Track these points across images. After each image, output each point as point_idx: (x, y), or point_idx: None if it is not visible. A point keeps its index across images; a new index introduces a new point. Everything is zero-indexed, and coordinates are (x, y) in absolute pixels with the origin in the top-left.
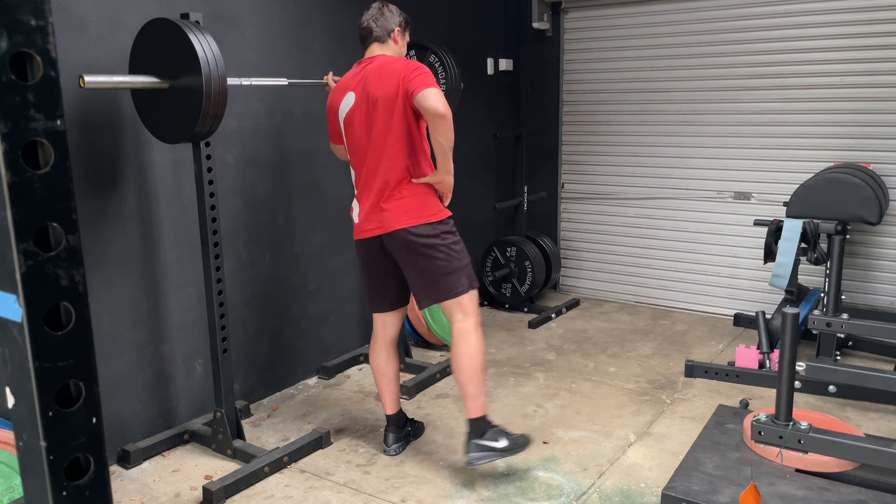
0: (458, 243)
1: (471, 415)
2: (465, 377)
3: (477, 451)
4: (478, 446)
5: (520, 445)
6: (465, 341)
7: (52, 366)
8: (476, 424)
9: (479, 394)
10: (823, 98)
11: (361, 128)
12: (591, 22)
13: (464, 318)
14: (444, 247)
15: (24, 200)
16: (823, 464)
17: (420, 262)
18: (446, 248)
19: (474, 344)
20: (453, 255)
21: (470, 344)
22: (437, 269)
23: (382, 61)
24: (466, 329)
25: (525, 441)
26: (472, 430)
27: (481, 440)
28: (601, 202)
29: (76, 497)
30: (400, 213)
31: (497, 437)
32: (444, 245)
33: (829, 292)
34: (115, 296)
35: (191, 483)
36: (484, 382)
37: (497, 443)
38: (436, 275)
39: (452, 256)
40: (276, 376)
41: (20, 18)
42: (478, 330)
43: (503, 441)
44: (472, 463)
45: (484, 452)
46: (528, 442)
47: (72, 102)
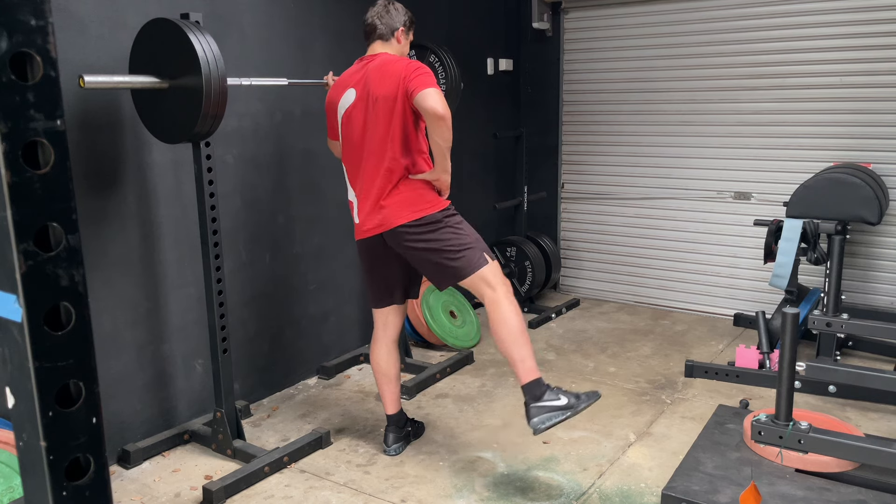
0: (463, 222)
1: (523, 380)
2: (506, 345)
3: (538, 413)
4: (539, 409)
5: (584, 401)
6: (496, 311)
7: (52, 366)
8: (530, 389)
9: (525, 357)
10: (823, 98)
11: (360, 125)
12: (591, 22)
13: (491, 290)
14: (449, 229)
15: (24, 200)
16: (823, 464)
17: (429, 250)
18: (452, 229)
19: (508, 311)
20: (461, 234)
21: (503, 312)
22: (449, 251)
23: (384, 60)
24: (496, 300)
25: (593, 395)
26: (528, 395)
27: (540, 402)
28: (601, 202)
29: (76, 497)
30: (399, 209)
31: (558, 395)
32: (450, 227)
33: (829, 292)
34: (115, 296)
35: (191, 483)
36: (528, 345)
37: (558, 401)
38: (449, 256)
39: (461, 234)
40: (276, 376)
41: (20, 18)
42: (508, 297)
43: (564, 398)
44: (538, 427)
45: (547, 413)
46: (596, 396)
47: (72, 102)
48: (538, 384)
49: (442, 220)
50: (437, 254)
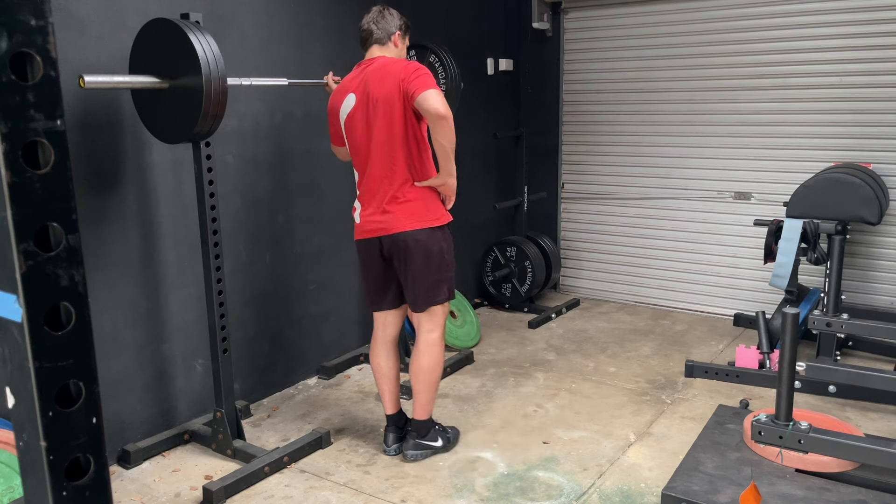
0: (450, 253)
1: (418, 417)
2: (422, 385)
3: (416, 448)
4: (418, 444)
5: (452, 443)
6: (428, 352)
7: (52, 366)
8: (420, 426)
9: (430, 400)
10: (823, 98)
11: (362, 129)
12: (591, 22)
13: (432, 328)
14: (437, 255)
15: (24, 200)
16: (823, 464)
17: (414, 266)
18: (440, 256)
19: (437, 356)
20: (444, 266)
21: (434, 356)
22: (426, 277)
23: (382, 63)
24: (433, 340)
25: (455, 436)
26: (415, 429)
27: (422, 439)
28: (601, 202)
29: (76, 497)
30: (403, 216)
31: (436, 437)
32: (439, 254)
33: (829, 292)
34: (115, 296)
35: (191, 483)
36: (435, 390)
37: (436, 442)
38: (423, 282)
39: (443, 267)
40: (276, 376)
41: (20, 18)
42: (442, 341)
43: (440, 440)
44: (409, 458)
45: (423, 451)
46: (457, 436)
47: (72, 102)
48: (428, 424)
49: (439, 241)
50: (419, 273)
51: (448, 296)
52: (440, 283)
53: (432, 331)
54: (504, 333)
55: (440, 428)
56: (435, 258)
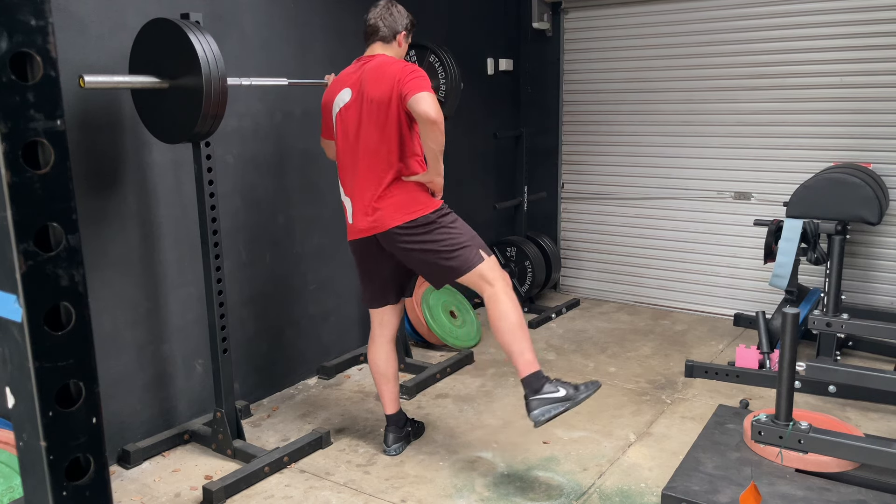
0: (457, 220)
1: (522, 373)
2: (505, 339)
3: (539, 405)
4: (538, 401)
5: (584, 391)
6: (495, 306)
7: (52, 366)
8: (530, 382)
9: (523, 350)
10: (823, 98)
11: (354, 125)
12: (591, 22)
13: (489, 285)
14: (443, 229)
15: (24, 200)
16: (823, 464)
17: (424, 251)
18: (446, 228)
19: (506, 305)
20: (455, 233)
21: (501, 307)
22: (444, 251)
23: (381, 61)
24: (494, 295)
25: (593, 385)
26: (528, 388)
27: (539, 395)
28: (601, 202)
29: (76, 497)
30: (392, 211)
31: (557, 388)
32: (444, 227)
33: (829, 292)
34: (115, 296)
35: (191, 483)
36: (527, 339)
37: (557, 392)
38: (445, 256)
39: (455, 234)
40: (276, 376)
41: (20, 18)
42: (507, 291)
43: (562, 389)
44: (538, 419)
45: (546, 406)
46: (596, 385)
47: (72, 102)
48: (537, 377)
49: (435, 220)
50: (433, 254)
51: (483, 254)
52: (464, 249)
53: (489, 288)
54: None
55: (557, 379)
56: (439, 234)
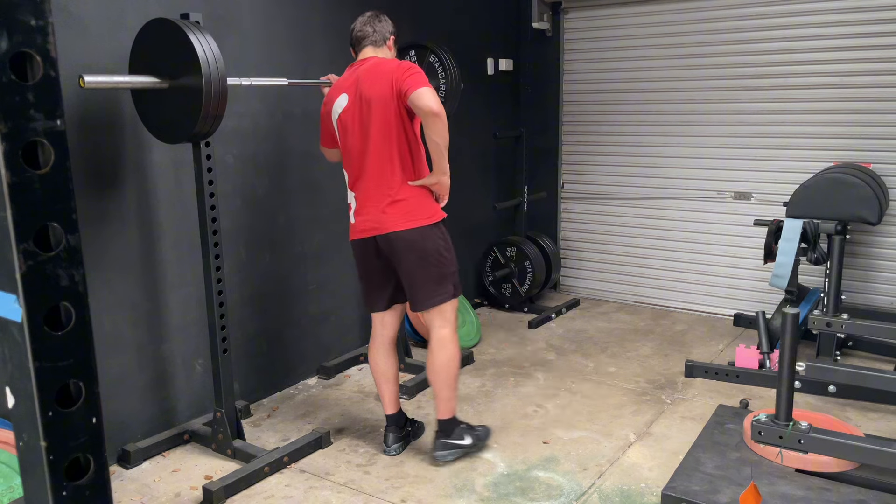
0: (449, 250)
1: (442, 416)
2: (441, 383)
3: (444, 448)
4: (445, 444)
5: (482, 440)
6: (442, 349)
7: (52, 366)
8: (445, 424)
9: (451, 397)
10: (823, 98)
11: (355, 129)
12: (591, 22)
13: (442, 325)
14: (434, 253)
15: (24, 200)
16: (823, 464)
17: (413, 264)
18: (438, 254)
19: (451, 351)
20: (443, 262)
21: (447, 352)
22: (426, 275)
23: (376, 62)
24: (445, 337)
25: (486, 433)
26: (441, 429)
27: (449, 439)
28: (601, 202)
29: (76, 497)
30: (397, 215)
31: (463, 435)
32: (435, 251)
33: (829, 292)
34: (115, 296)
35: (191, 483)
36: (456, 387)
37: (463, 440)
38: (425, 280)
39: (443, 263)
40: (276, 376)
41: (20, 18)
42: (455, 337)
43: (468, 438)
44: (439, 460)
45: (450, 450)
46: (488, 433)
47: (72, 102)
48: (453, 422)
49: (434, 240)
50: (418, 271)
51: (454, 292)
52: (442, 280)
53: (442, 327)
54: (504, 333)
55: (466, 426)
56: (431, 255)
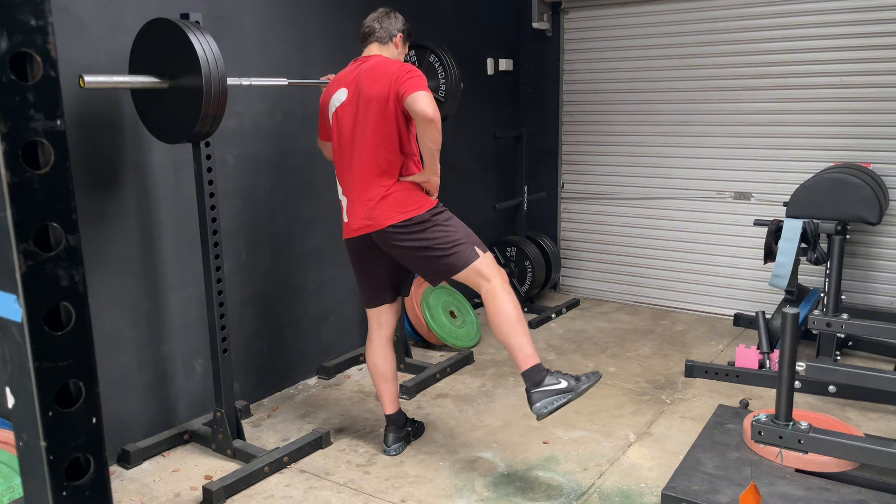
0: (451, 218)
1: (522, 367)
2: (504, 334)
3: (540, 398)
4: (540, 394)
5: (585, 382)
6: (492, 301)
7: (52, 366)
8: (530, 375)
9: (522, 344)
10: (823, 98)
11: (350, 124)
12: (591, 22)
13: (486, 281)
14: (438, 227)
15: (24, 200)
16: (823, 464)
17: (419, 248)
18: (441, 227)
19: (503, 301)
20: (451, 230)
21: (498, 302)
22: (439, 248)
23: (378, 61)
24: (491, 290)
25: (594, 376)
26: (528, 381)
27: (541, 387)
28: (601, 202)
29: (76, 497)
30: (388, 209)
31: (558, 379)
32: (438, 225)
33: (829, 292)
34: (115, 296)
35: (191, 483)
36: (526, 333)
37: (558, 384)
38: (441, 253)
39: (450, 231)
40: (276, 376)
41: (20, 18)
42: (504, 286)
43: (564, 381)
44: (541, 412)
45: (549, 398)
46: (597, 376)
47: (72, 102)
48: (537, 370)
49: (430, 219)
50: (428, 251)
51: (479, 251)
52: (459, 246)
53: (486, 284)
54: None
55: (558, 372)
56: (434, 232)
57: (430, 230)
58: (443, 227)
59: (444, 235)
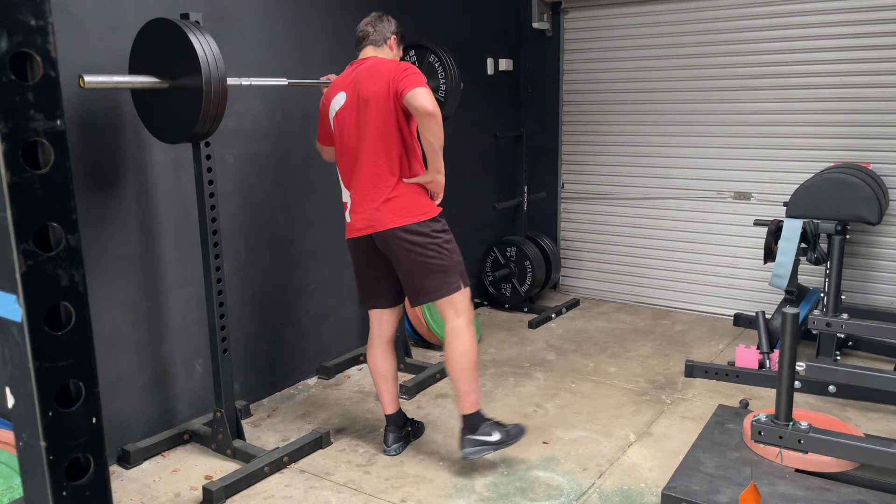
0: (450, 241)
1: (464, 411)
2: (457, 375)
3: (471, 445)
4: (472, 441)
5: (513, 437)
6: (457, 340)
7: (52, 366)
8: (470, 420)
9: (471, 391)
10: (823, 98)
11: (352, 127)
12: (591, 22)
13: (455, 316)
14: (435, 245)
15: (24, 200)
16: (823, 464)
17: (412, 260)
18: (437, 246)
19: (466, 342)
20: (445, 254)
21: (462, 342)
22: (428, 268)
23: (375, 62)
24: (458, 328)
25: (518, 431)
26: (466, 425)
27: (475, 435)
28: (601, 202)
29: (76, 497)
30: (391, 212)
31: (491, 431)
32: (436, 243)
33: (829, 292)
34: (115, 296)
35: (191, 483)
36: (476, 379)
37: (491, 436)
38: (428, 273)
39: (444, 254)
40: (276, 376)
41: (20, 18)
42: (470, 328)
43: (496, 434)
44: (468, 457)
45: (478, 447)
46: (521, 432)
47: (72, 102)
48: (478, 417)
49: (431, 234)
50: (418, 266)
51: (461, 283)
52: (445, 272)
53: (455, 318)
54: (504, 333)
55: (493, 422)
56: (431, 249)
57: (428, 247)
58: (439, 248)
59: (437, 257)
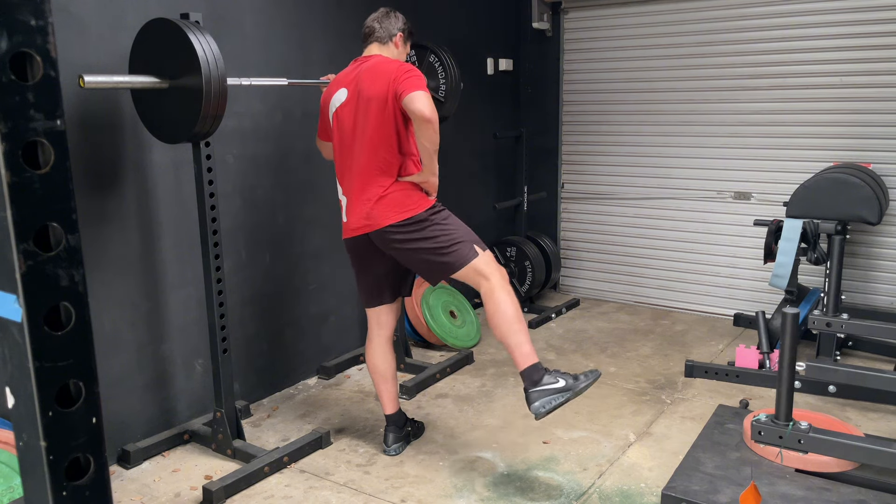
0: (450, 217)
1: (520, 366)
2: (502, 332)
3: (538, 397)
4: (538, 393)
5: (583, 381)
6: (491, 300)
7: (52, 366)
8: (528, 374)
9: (520, 343)
10: (823, 98)
11: (350, 124)
12: (591, 22)
13: (485, 279)
14: (436, 226)
15: (24, 200)
16: (823, 464)
17: (418, 249)
18: (439, 225)
19: (502, 299)
20: (450, 229)
21: (497, 301)
22: (438, 247)
23: (377, 61)
24: (490, 289)
25: (592, 374)
26: (527, 380)
27: (539, 386)
28: (601, 202)
29: (76, 497)
30: (386, 209)
31: (556, 378)
32: (437, 224)
33: (829, 292)
34: (115, 296)
35: (191, 483)
36: (524, 330)
37: (557, 383)
38: (439, 252)
39: (449, 230)
40: (276, 376)
41: (20, 18)
42: (503, 284)
43: (562, 380)
44: (539, 411)
45: (546, 397)
46: (596, 374)
47: (72, 102)
48: (536, 369)
49: (428, 218)
50: (426, 252)
51: (478, 249)
52: (458, 245)
53: (486, 283)
54: None
55: (557, 370)
56: (435, 230)
57: (429, 229)
58: (441, 225)
59: (442, 234)
